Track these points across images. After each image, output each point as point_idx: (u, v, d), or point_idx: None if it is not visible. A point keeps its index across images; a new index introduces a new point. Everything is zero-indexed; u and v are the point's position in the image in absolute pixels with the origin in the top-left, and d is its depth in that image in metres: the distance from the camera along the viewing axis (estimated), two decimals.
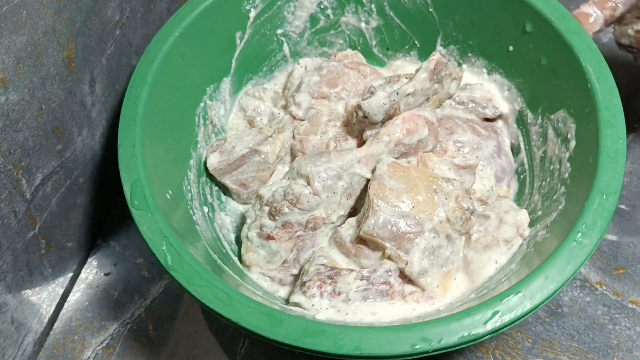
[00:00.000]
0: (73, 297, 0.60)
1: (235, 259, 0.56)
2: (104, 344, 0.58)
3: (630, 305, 0.58)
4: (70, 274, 0.60)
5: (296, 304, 0.50)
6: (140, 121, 0.51)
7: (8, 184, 0.47)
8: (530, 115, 0.59)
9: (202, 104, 0.60)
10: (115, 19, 0.58)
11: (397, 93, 0.54)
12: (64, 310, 0.60)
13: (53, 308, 0.58)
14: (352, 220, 0.54)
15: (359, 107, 0.55)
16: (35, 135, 0.50)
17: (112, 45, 0.58)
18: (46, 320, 0.57)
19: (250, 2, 0.60)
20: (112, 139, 0.62)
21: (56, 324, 0.59)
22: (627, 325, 0.57)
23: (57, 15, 0.49)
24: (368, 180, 0.53)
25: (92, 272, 0.62)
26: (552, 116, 0.55)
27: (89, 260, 0.63)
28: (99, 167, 0.61)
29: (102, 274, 0.62)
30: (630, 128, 0.70)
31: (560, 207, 0.50)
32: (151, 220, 0.46)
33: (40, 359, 0.57)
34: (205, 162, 0.59)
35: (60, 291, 0.59)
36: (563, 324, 0.57)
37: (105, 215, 0.64)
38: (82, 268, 0.62)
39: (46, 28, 0.48)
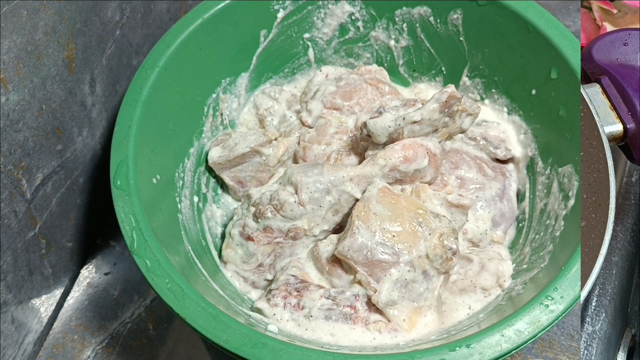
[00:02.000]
0: (73, 297, 0.60)
1: (215, 253, 0.56)
2: (103, 344, 0.58)
3: None
4: (70, 274, 0.60)
5: (258, 310, 0.50)
6: (143, 103, 0.51)
7: (8, 184, 0.47)
8: (540, 163, 0.56)
9: (214, 95, 0.60)
10: (115, 19, 0.58)
11: (404, 118, 0.53)
12: (63, 310, 0.60)
13: (53, 308, 0.58)
14: (334, 237, 0.53)
15: (364, 124, 0.54)
16: (36, 135, 0.49)
17: (112, 45, 0.58)
18: (46, 319, 0.57)
19: (280, 2, 0.60)
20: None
21: (56, 324, 0.59)
22: None
23: (57, 15, 0.49)
24: (357, 200, 0.52)
25: (92, 272, 0.62)
26: (560, 169, 0.53)
27: (89, 260, 0.63)
28: (99, 167, 0.60)
29: (102, 274, 0.62)
30: None
31: (542, 265, 0.48)
32: (127, 201, 0.46)
33: (40, 358, 0.57)
34: (207, 154, 0.60)
35: (60, 291, 0.59)
36: (563, 324, 0.57)
37: (105, 215, 0.64)
38: (82, 268, 0.62)
39: (46, 28, 0.48)
